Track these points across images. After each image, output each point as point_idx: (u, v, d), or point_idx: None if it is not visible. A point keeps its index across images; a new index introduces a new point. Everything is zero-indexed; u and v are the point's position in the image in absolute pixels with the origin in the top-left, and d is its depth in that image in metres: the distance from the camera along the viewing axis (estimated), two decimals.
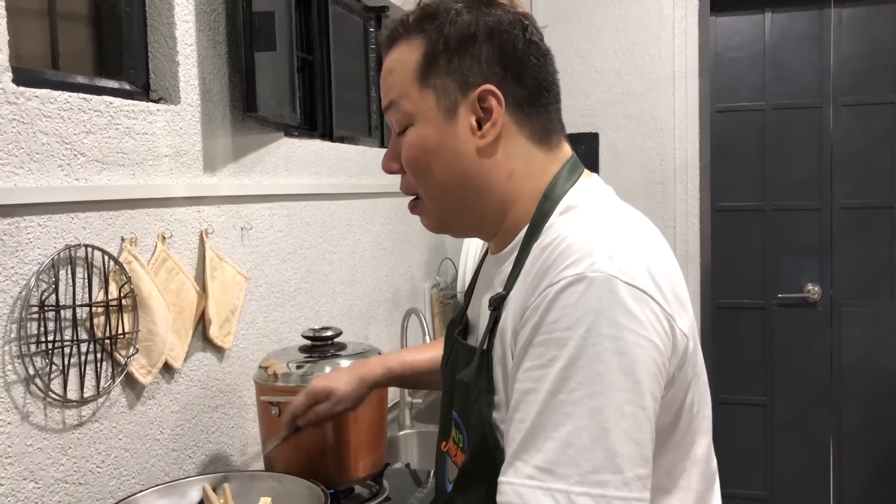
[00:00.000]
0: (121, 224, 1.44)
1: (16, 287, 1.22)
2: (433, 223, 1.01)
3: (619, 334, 0.75)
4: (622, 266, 0.78)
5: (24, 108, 1.24)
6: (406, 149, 0.95)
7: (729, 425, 3.30)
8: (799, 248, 3.21)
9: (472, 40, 0.91)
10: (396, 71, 0.95)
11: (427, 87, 0.93)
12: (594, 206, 0.91)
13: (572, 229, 0.84)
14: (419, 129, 0.94)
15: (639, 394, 0.76)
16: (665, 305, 0.80)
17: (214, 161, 1.71)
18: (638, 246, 0.83)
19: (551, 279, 0.79)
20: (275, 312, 1.96)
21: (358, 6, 2.70)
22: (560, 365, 0.76)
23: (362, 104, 2.79)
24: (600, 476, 0.73)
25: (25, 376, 1.24)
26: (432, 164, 0.94)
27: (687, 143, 3.15)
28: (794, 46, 3.15)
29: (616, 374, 0.75)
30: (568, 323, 0.76)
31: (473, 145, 0.92)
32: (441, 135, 0.93)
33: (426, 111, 0.93)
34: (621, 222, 0.88)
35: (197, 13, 1.66)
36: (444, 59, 0.91)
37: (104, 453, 1.40)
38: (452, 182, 0.94)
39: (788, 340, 3.25)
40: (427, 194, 0.97)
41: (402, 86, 0.94)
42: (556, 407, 0.75)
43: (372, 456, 1.60)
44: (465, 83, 0.92)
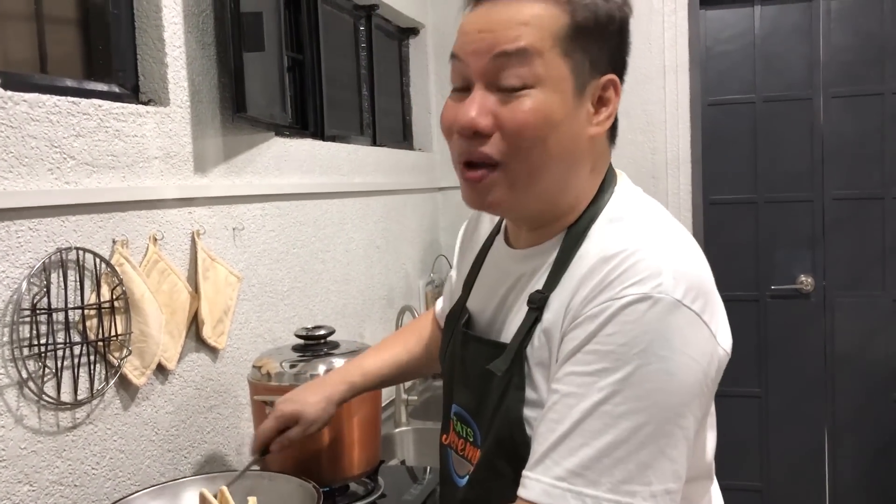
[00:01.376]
0: (112, 226, 1.44)
1: (7, 291, 1.23)
2: (498, 199, 0.92)
3: (671, 356, 0.78)
4: (685, 290, 0.80)
5: (13, 113, 1.24)
6: (526, 112, 0.87)
7: (724, 417, 3.29)
8: (791, 240, 3.22)
9: (610, 28, 0.90)
10: (534, 25, 0.87)
11: (567, 57, 0.88)
12: (646, 217, 0.92)
13: (636, 243, 0.84)
14: (547, 95, 0.87)
15: (681, 414, 0.78)
16: (714, 329, 0.82)
17: (205, 162, 1.72)
18: (696, 266, 0.84)
19: (614, 293, 0.81)
20: (268, 312, 1.96)
21: (348, 5, 2.71)
22: (611, 378, 0.78)
23: (354, 102, 2.80)
24: (630, 486, 0.76)
25: (18, 380, 1.24)
26: (550, 136, 0.88)
27: (678, 137, 3.15)
28: (783, 39, 3.16)
29: (663, 394, 0.77)
30: (625, 339, 0.78)
31: (589, 131, 0.91)
32: (567, 109, 0.88)
33: (560, 80, 0.88)
34: (677, 238, 0.89)
35: (185, 15, 1.66)
36: (588, 37, 0.88)
37: (99, 455, 1.40)
38: (559, 160, 0.90)
39: (782, 332, 3.26)
40: (525, 166, 0.89)
41: (541, 43, 0.87)
42: (598, 416, 0.77)
43: (366, 453, 1.61)
44: (597, 66, 0.90)
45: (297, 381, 1.55)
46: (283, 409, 1.37)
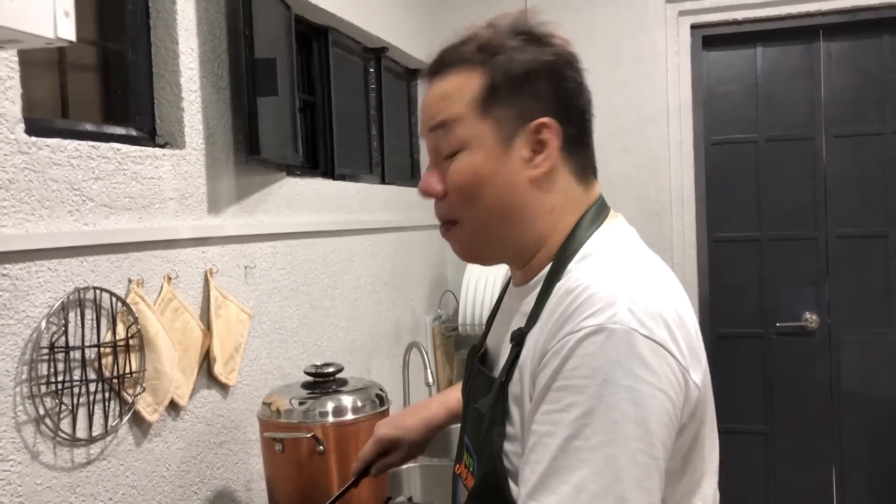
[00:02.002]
0: (128, 266, 1.48)
1: (27, 330, 1.26)
2: (466, 249, 1.02)
3: (635, 385, 0.79)
4: (641, 319, 0.82)
5: (36, 158, 1.29)
6: (457, 173, 0.96)
7: (730, 454, 3.30)
8: (796, 277, 3.25)
9: (532, 76, 0.94)
10: (452, 96, 0.95)
11: (487, 117, 0.94)
12: (615, 253, 0.93)
13: (594, 277, 0.87)
14: (473, 155, 0.95)
15: (651, 444, 0.80)
16: (680, 358, 0.84)
17: (219, 202, 1.76)
18: (657, 297, 0.86)
19: (572, 327, 0.83)
20: (278, 349, 1.99)
21: (358, 48, 2.77)
22: (578, 412, 0.79)
23: (363, 142, 2.85)
24: None
25: (35, 416, 1.27)
26: (483, 191, 0.95)
27: (682, 175, 3.20)
28: (785, 80, 3.22)
29: (630, 424, 0.79)
30: (587, 371, 0.80)
31: (526, 175, 0.94)
32: (495, 163, 0.94)
33: (482, 139, 0.94)
34: (641, 272, 0.90)
35: (201, 60, 1.72)
36: (505, 92, 0.94)
37: (112, 491, 1.43)
38: (500, 210, 0.96)
39: (788, 369, 3.27)
40: (471, 221, 0.97)
41: (459, 111, 0.95)
42: (571, 452, 0.79)
43: (373, 489, 1.63)
44: (524, 116, 0.94)
45: (305, 419, 1.58)
46: (382, 433, 1.39)
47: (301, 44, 2.42)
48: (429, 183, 0.99)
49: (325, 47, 2.48)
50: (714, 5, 3.15)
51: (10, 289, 1.23)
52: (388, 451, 1.39)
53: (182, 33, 1.67)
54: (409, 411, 1.44)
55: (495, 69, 0.94)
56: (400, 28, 2.95)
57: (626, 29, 3.23)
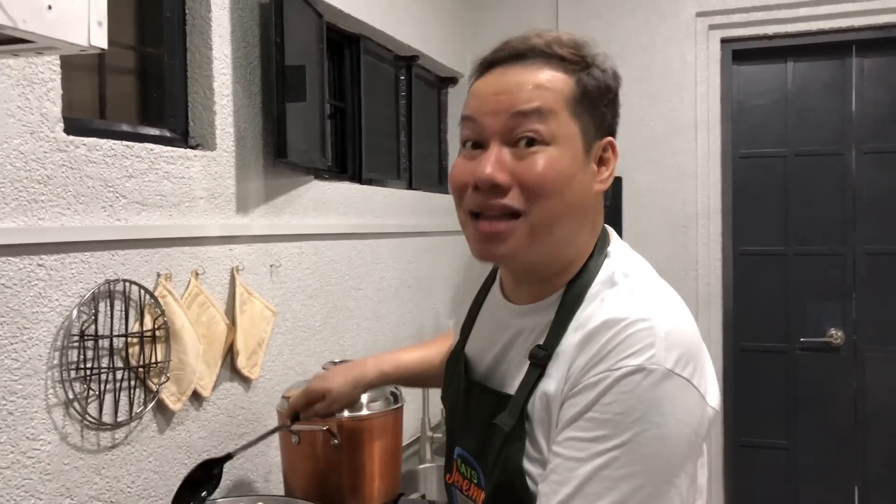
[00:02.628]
0: (157, 261, 1.56)
1: (59, 318, 1.34)
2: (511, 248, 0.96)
3: (665, 422, 0.84)
4: (676, 358, 0.86)
5: (73, 155, 1.37)
6: (546, 164, 0.93)
7: (751, 469, 3.30)
8: (822, 293, 3.23)
9: (610, 93, 0.99)
10: (547, 88, 0.95)
11: (576, 119, 0.95)
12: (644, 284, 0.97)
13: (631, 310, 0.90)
14: (563, 151, 0.94)
15: (675, 475, 0.85)
16: (702, 390, 0.89)
17: (247, 203, 1.83)
18: (687, 332, 0.90)
19: (612, 364, 0.87)
20: (301, 346, 2.06)
21: (389, 56, 2.84)
22: (610, 444, 0.84)
23: (392, 148, 2.91)
24: None
25: (65, 400, 1.35)
26: (565, 189, 0.94)
27: (709, 188, 3.21)
28: (816, 95, 3.21)
29: (658, 458, 0.84)
30: (622, 408, 0.85)
31: (596, 187, 0.99)
32: (579, 166, 0.95)
33: (571, 138, 0.95)
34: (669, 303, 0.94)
35: (234, 66, 1.79)
36: (593, 102, 0.96)
37: (134, 474, 1.50)
38: (573, 211, 0.96)
39: (811, 384, 3.26)
40: (543, 214, 0.95)
41: (555, 104, 0.94)
42: (599, 480, 0.84)
43: (386, 484, 1.68)
44: (599, 129, 0.98)
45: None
46: (312, 384, 1.50)
47: (333, 51, 2.49)
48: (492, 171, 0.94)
49: (357, 55, 2.55)
50: (745, 20, 3.16)
51: (44, 278, 1.31)
52: (315, 401, 1.49)
53: (216, 40, 1.74)
54: (342, 368, 1.54)
55: (586, 78, 0.96)
56: (431, 37, 3.01)
57: (656, 42, 3.25)
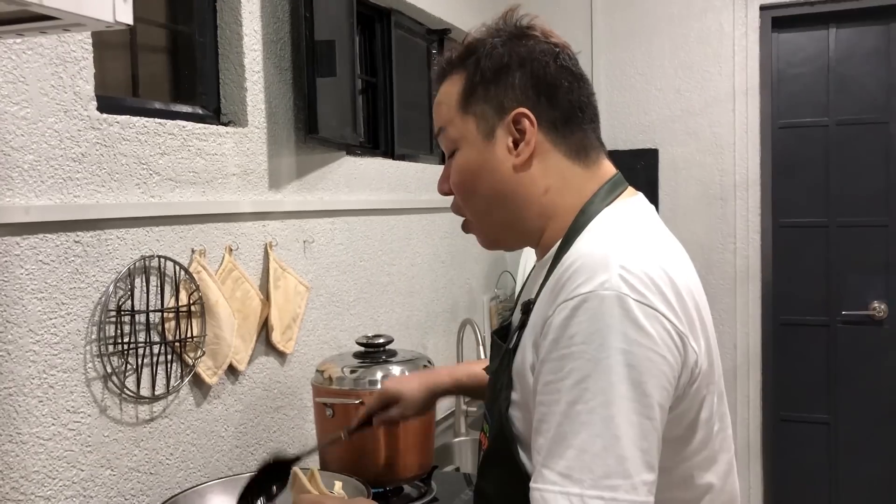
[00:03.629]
0: (191, 237, 1.57)
1: (96, 293, 1.36)
2: (484, 240, 1.10)
3: (629, 348, 0.83)
4: (633, 284, 0.85)
5: (107, 133, 1.38)
6: (454, 172, 1.05)
7: (791, 443, 3.27)
8: (864, 265, 3.17)
9: (505, 69, 1.01)
10: (443, 103, 1.05)
11: (468, 115, 1.02)
12: (616, 225, 0.97)
13: (589, 246, 0.92)
14: (463, 152, 1.03)
15: (647, 405, 0.83)
16: (677, 322, 0.86)
17: (279, 179, 1.84)
18: (650, 264, 0.88)
19: (566, 295, 0.87)
20: (335, 321, 2.07)
21: (420, 29, 2.82)
22: (576, 377, 0.83)
23: (425, 123, 2.90)
24: (612, 481, 0.81)
25: (104, 374, 1.37)
26: (475, 184, 1.03)
27: (748, 160, 3.15)
28: (859, 62, 3.12)
29: (626, 385, 0.82)
30: (583, 338, 0.84)
31: (510, 164, 1.01)
32: (482, 156, 1.02)
33: (468, 135, 1.03)
34: (637, 240, 0.94)
35: (264, 42, 1.79)
36: (481, 88, 1.01)
37: (173, 447, 1.53)
38: (494, 199, 1.03)
39: (853, 358, 3.20)
40: (473, 212, 1.06)
41: (448, 114, 1.04)
42: (573, 416, 0.83)
43: (420, 458, 1.69)
44: (501, 108, 1.01)
45: (355, 386, 1.65)
46: (386, 387, 1.52)
47: (364, 26, 2.48)
48: (439, 183, 1.09)
49: (388, 29, 2.54)
50: None
51: (81, 255, 1.33)
52: (388, 405, 1.49)
53: (246, 16, 1.75)
54: (418, 374, 1.56)
55: (472, 69, 1.02)
56: (463, 10, 2.98)
57: (693, 10, 3.18)
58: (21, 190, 1.23)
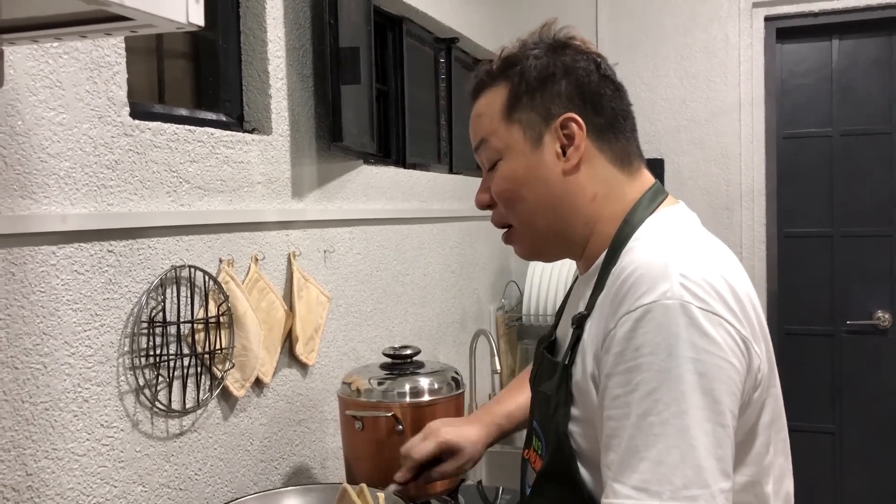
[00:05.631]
0: (219, 246, 1.54)
1: (129, 304, 1.33)
2: (525, 250, 1.09)
3: (698, 356, 0.81)
4: (694, 291, 0.84)
5: (139, 140, 1.35)
6: (497, 181, 1.04)
7: (796, 453, 3.24)
8: (868, 275, 3.18)
9: (550, 78, 1.01)
10: (485, 114, 1.05)
11: (513, 123, 1.02)
12: (667, 233, 0.96)
13: (645, 255, 0.90)
14: (508, 161, 1.02)
15: (719, 412, 0.81)
16: (740, 328, 0.85)
17: (301, 188, 1.81)
18: (708, 270, 0.87)
19: (628, 307, 0.85)
20: (353, 331, 2.04)
21: (429, 38, 2.81)
22: (646, 389, 0.82)
23: (432, 132, 2.89)
24: (691, 491, 0.79)
25: (136, 387, 1.34)
26: (523, 192, 1.02)
27: (753, 169, 3.16)
28: (862, 73, 3.15)
29: (698, 393, 0.81)
30: (650, 349, 0.82)
31: (559, 169, 1.00)
32: (529, 163, 1.01)
33: (514, 144, 1.02)
34: (691, 247, 0.92)
35: (287, 49, 1.77)
36: (527, 96, 1.01)
37: (201, 461, 1.49)
38: (542, 207, 1.02)
39: (858, 368, 3.21)
40: (519, 221, 1.05)
41: (491, 125, 1.04)
42: (646, 429, 0.81)
43: None
44: (548, 114, 1.01)
45: (384, 399, 1.62)
46: (447, 437, 1.41)
47: (375, 34, 2.46)
48: (478, 196, 1.08)
49: (400, 37, 2.52)
50: None
51: (114, 264, 1.29)
52: (445, 455, 1.42)
53: (270, 22, 1.72)
54: (468, 422, 1.47)
55: (515, 78, 1.02)
56: (471, 19, 2.97)
57: (698, 21, 3.20)
58: (57, 198, 1.19)
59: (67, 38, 0.86)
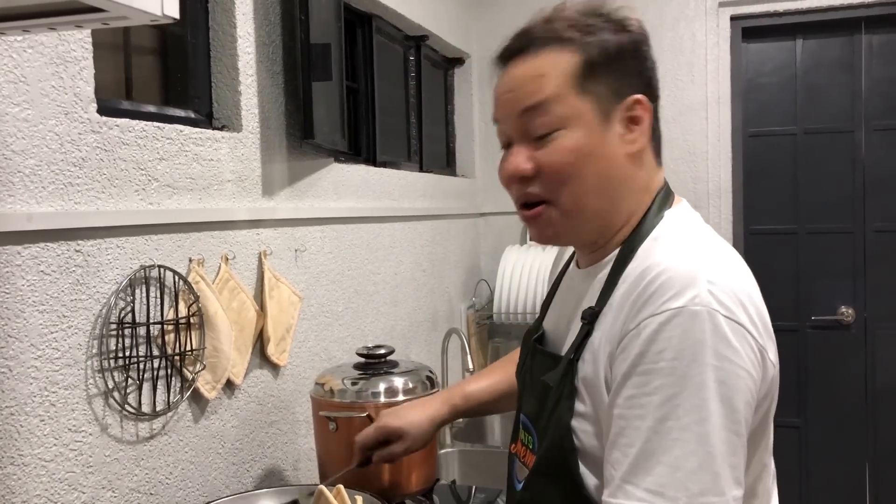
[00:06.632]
0: (188, 245, 1.51)
1: (97, 305, 1.29)
2: (552, 231, 1.00)
3: (720, 365, 0.81)
4: (722, 300, 0.83)
5: (107, 137, 1.32)
6: (556, 152, 0.95)
7: None
8: (832, 271, 3.23)
9: (624, 54, 0.97)
10: (549, 75, 0.95)
11: (585, 94, 0.95)
12: (687, 235, 0.96)
13: (671, 258, 0.89)
14: (574, 133, 0.94)
15: (736, 421, 0.82)
16: (758, 337, 0.86)
17: (272, 186, 1.79)
18: (734, 279, 0.87)
19: (653, 310, 0.84)
20: (325, 331, 2.02)
21: (399, 35, 2.79)
22: (667, 393, 0.81)
23: (402, 130, 2.87)
24: (707, 498, 0.79)
25: (105, 390, 1.30)
26: (586, 168, 0.95)
27: (720, 167, 3.19)
28: (825, 72, 3.19)
29: (717, 401, 0.81)
30: (673, 354, 0.82)
31: (624, 151, 0.96)
32: (596, 139, 0.95)
33: (582, 115, 0.95)
34: (715, 253, 0.92)
35: (257, 45, 1.74)
36: (602, 69, 0.95)
37: (172, 465, 1.46)
38: (600, 187, 0.96)
39: (822, 362, 3.26)
40: (571, 198, 0.96)
41: (557, 89, 0.95)
42: (665, 433, 0.81)
43: (424, 471, 1.65)
44: (619, 92, 0.96)
45: (358, 399, 1.60)
46: (388, 422, 1.43)
47: (345, 31, 2.44)
48: (516, 164, 0.97)
49: (369, 34, 2.50)
50: None
51: (82, 264, 1.26)
52: (389, 441, 1.43)
53: (240, 18, 1.69)
54: (415, 405, 1.48)
55: (590, 47, 0.95)
56: (440, 16, 2.96)
57: (665, 20, 3.22)
58: (22, 196, 1.16)
59: (36, 30, 0.83)
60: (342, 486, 1.22)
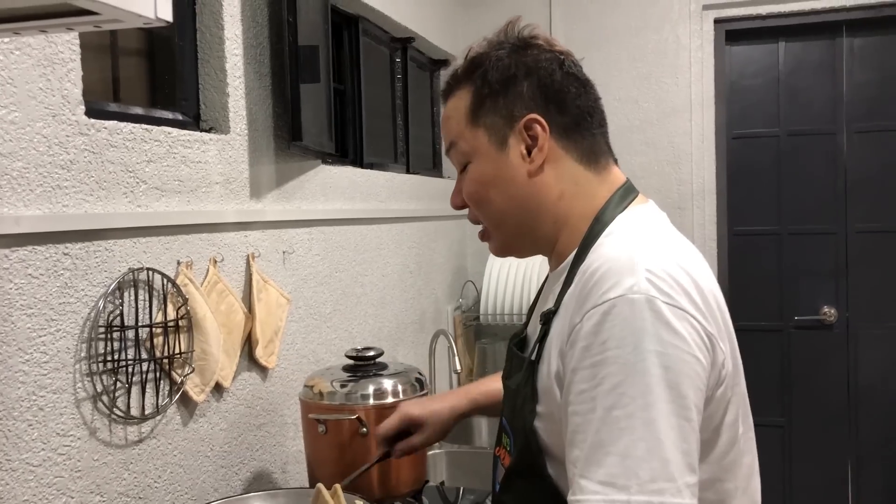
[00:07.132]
0: (177, 248, 1.50)
1: (85, 308, 1.28)
2: (497, 247, 1.10)
3: (664, 350, 0.82)
4: (660, 287, 0.84)
5: (95, 139, 1.31)
6: (467, 184, 1.06)
7: None
8: (815, 272, 3.26)
9: (513, 79, 1.02)
10: (452, 117, 1.06)
11: (478, 127, 1.03)
12: (635, 230, 0.97)
13: (611, 251, 0.91)
14: (476, 164, 1.04)
15: (684, 406, 0.82)
16: (705, 323, 0.86)
17: (260, 188, 1.78)
18: (674, 267, 0.88)
19: (594, 301, 0.86)
20: (313, 333, 2.02)
21: (385, 37, 2.79)
22: (613, 382, 0.82)
23: (389, 132, 2.87)
24: (657, 484, 0.79)
25: (93, 394, 1.30)
26: (490, 193, 1.04)
27: (704, 169, 3.21)
28: (807, 75, 3.23)
29: (663, 387, 0.81)
30: (616, 343, 0.83)
31: (525, 170, 1.01)
32: (495, 165, 1.03)
33: (480, 147, 1.04)
34: (658, 244, 0.93)
35: (245, 47, 1.74)
36: (490, 100, 1.02)
37: (160, 469, 1.45)
38: (510, 207, 1.03)
39: (805, 362, 3.29)
40: (489, 221, 1.07)
41: (458, 129, 1.05)
42: (612, 422, 0.81)
43: (414, 472, 1.65)
44: (511, 117, 1.01)
45: (347, 401, 1.60)
46: (409, 410, 1.45)
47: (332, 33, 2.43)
48: (452, 197, 1.11)
49: (356, 37, 2.50)
50: (738, 0, 3.16)
51: (70, 267, 1.25)
52: (410, 431, 1.45)
53: (227, 20, 1.69)
54: (435, 396, 1.51)
55: (479, 81, 1.03)
56: (427, 18, 2.96)
57: (649, 23, 3.24)
58: (10, 199, 1.15)
59: (27, 32, 0.82)
60: (339, 485, 1.22)
